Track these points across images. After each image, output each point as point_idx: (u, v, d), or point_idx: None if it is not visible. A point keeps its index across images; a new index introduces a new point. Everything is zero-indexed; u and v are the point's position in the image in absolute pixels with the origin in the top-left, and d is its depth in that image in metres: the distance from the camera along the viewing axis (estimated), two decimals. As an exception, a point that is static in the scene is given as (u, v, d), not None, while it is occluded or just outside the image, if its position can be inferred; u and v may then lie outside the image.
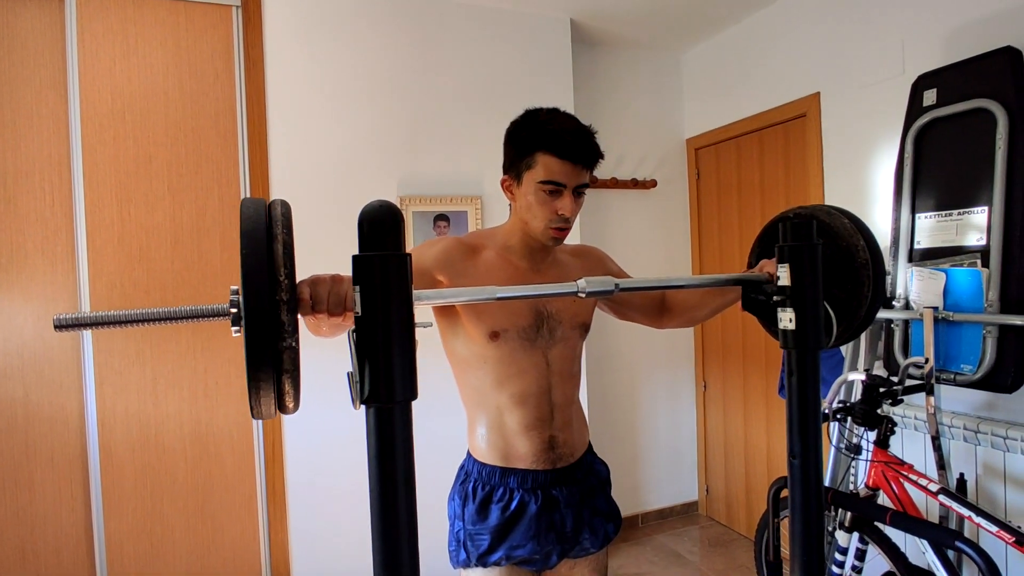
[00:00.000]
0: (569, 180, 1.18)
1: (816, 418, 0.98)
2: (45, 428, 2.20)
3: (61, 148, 2.21)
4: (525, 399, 1.26)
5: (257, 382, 0.70)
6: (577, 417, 1.37)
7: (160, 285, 2.31)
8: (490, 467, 1.28)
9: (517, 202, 1.25)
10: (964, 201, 1.91)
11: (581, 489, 1.33)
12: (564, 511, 1.29)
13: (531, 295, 0.94)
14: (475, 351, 1.26)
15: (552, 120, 1.20)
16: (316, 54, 2.49)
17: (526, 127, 1.22)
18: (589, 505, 1.34)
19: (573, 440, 1.33)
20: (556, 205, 1.20)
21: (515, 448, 1.27)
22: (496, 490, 1.27)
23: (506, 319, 1.24)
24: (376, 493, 0.74)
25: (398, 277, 0.73)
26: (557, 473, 1.29)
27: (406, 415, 0.75)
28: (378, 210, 0.74)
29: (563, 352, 1.31)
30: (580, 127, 1.21)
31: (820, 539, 1.00)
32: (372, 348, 0.72)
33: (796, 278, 0.95)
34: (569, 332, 1.31)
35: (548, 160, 1.17)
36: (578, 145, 1.17)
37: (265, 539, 2.45)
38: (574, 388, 1.35)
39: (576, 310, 1.32)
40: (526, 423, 1.27)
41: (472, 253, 1.27)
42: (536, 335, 1.27)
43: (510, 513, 1.25)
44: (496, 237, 1.31)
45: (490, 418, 1.28)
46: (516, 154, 1.22)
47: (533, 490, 1.27)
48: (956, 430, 1.97)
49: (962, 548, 1.41)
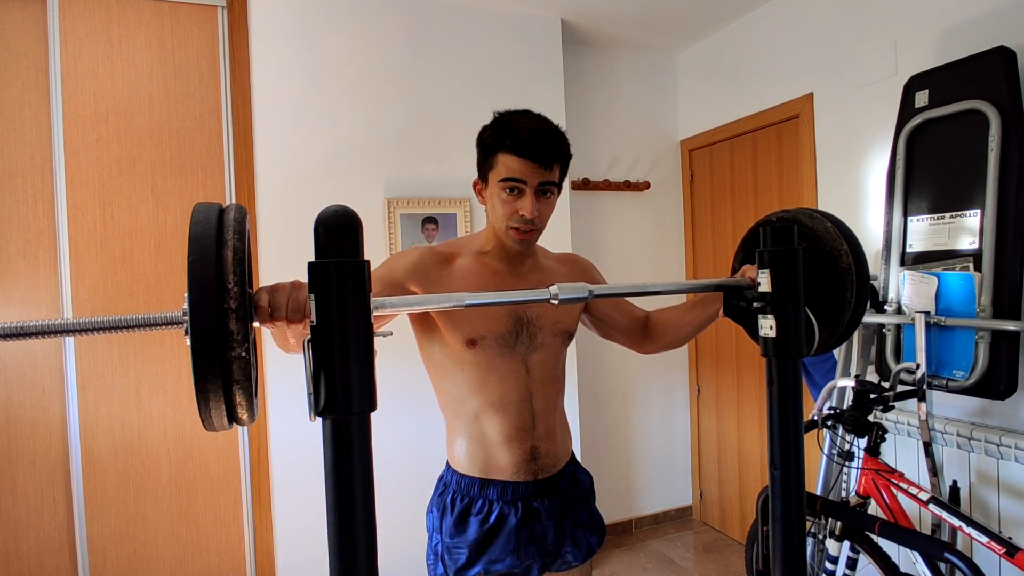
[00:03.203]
0: (529, 178, 1.15)
1: (798, 428, 0.95)
2: (27, 432, 2.17)
3: (43, 150, 2.18)
4: (505, 406, 1.23)
5: (205, 393, 0.68)
6: (561, 425, 1.33)
7: (144, 288, 2.28)
8: (469, 478, 1.25)
9: (486, 206, 1.24)
10: (956, 204, 1.89)
11: (563, 500, 1.29)
12: (546, 523, 1.26)
13: (501, 302, 0.92)
14: (452, 357, 1.24)
15: (513, 120, 1.18)
16: (303, 55, 2.47)
17: (491, 129, 1.20)
18: (572, 517, 1.31)
19: (556, 450, 1.29)
20: (517, 205, 1.17)
21: (495, 459, 1.24)
22: (475, 502, 1.24)
23: (483, 326, 1.21)
24: (332, 509, 0.72)
25: (355, 285, 0.71)
26: (539, 484, 1.25)
27: (364, 427, 0.72)
28: (334, 215, 0.72)
29: (544, 358, 1.28)
30: (542, 126, 1.18)
31: (801, 551, 0.97)
32: (328, 358, 0.70)
33: (776, 284, 0.93)
34: (550, 339, 1.28)
35: (507, 159, 1.16)
36: (537, 143, 1.14)
37: (250, 543, 2.42)
38: (556, 395, 1.32)
39: (558, 317, 1.29)
40: (507, 432, 1.23)
41: (446, 261, 1.24)
42: (515, 342, 1.24)
43: (489, 526, 1.22)
44: (472, 244, 1.29)
45: (469, 427, 1.25)
46: (482, 157, 1.21)
47: (513, 502, 1.23)
48: (949, 437, 1.94)
49: (951, 560, 1.38)
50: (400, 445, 2.56)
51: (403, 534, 2.42)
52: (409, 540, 2.39)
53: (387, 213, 2.56)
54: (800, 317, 0.93)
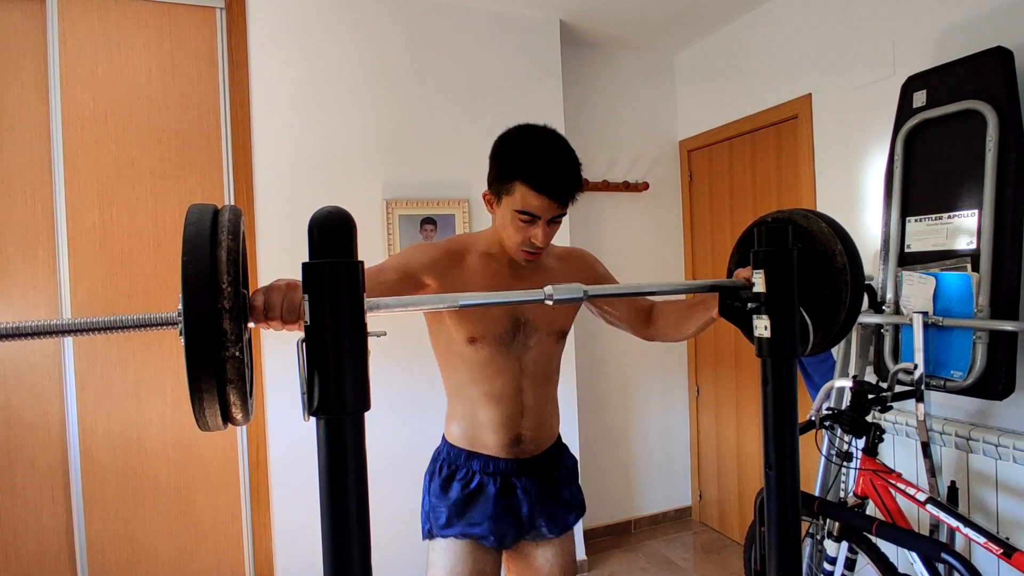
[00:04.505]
0: (544, 213, 1.20)
1: (793, 428, 0.95)
2: (26, 433, 2.17)
3: (42, 151, 2.19)
4: (499, 399, 1.33)
5: (199, 393, 0.68)
6: (550, 415, 1.42)
7: (143, 289, 2.28)
8: (458, 449, 1.37)
9: (495, 218, 1.29)
10: (954, 204, 1.89)
11: (543, 479, 1.39)
12: (521, 498, 1.35)
13: (496, 302, 0.92)
14: (455, 351, 1.34)
15: (536, 149, 1.19)
16: (301, 56, 2.47)
17: (510, 152, 1.21)
18: (552, 495, 1.39)
19: (540, 436, 1.39)
20: (529, 232, 1.22)
21: (483, 439, 1.35)
22: (460, 470, 1.36)
23: (484, 326, 1.29)
24: (327, 508, 0.72)
25: (349, 285, 0.71)
26: (520, 463, 1.36)
27: (358, 427, 0.73)
28: (328, 216, 0.72)
29: (537, 357, 1.36)
30: (563, 161, 1.20)
31: (797, 551, 0.97)
32: (322, 358, 0.70)
33: (771, 284, 0.93)
34: (545, 338, 1.35)
35: (525, 191, 1.18)
36: (558, 181, 1.18)
37: (249, 544, 2.42)
38: (548, 390, 1.40)
39: (553, 317, 1.35)
40: (497, 420, 1.34)
41: (459, 259, 1.31)
42: (512, 341, 1.32)
43: (469, 491, 1.34)
44: (479, 243, 1.34)
45: (465, 411, 1.37)
46: (498, 175, 1.24)
47: (494, 475, 1.35)
48: (947, 437, 1.94)
49: (948, 560, 1.38)
50: (396, 444, 2.56)
51: (398, 533, 2.42)
52: (403, 539, 2.39)
53: (385, 214, 2.56)
54: (794, 317, 0.93)
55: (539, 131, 1.24)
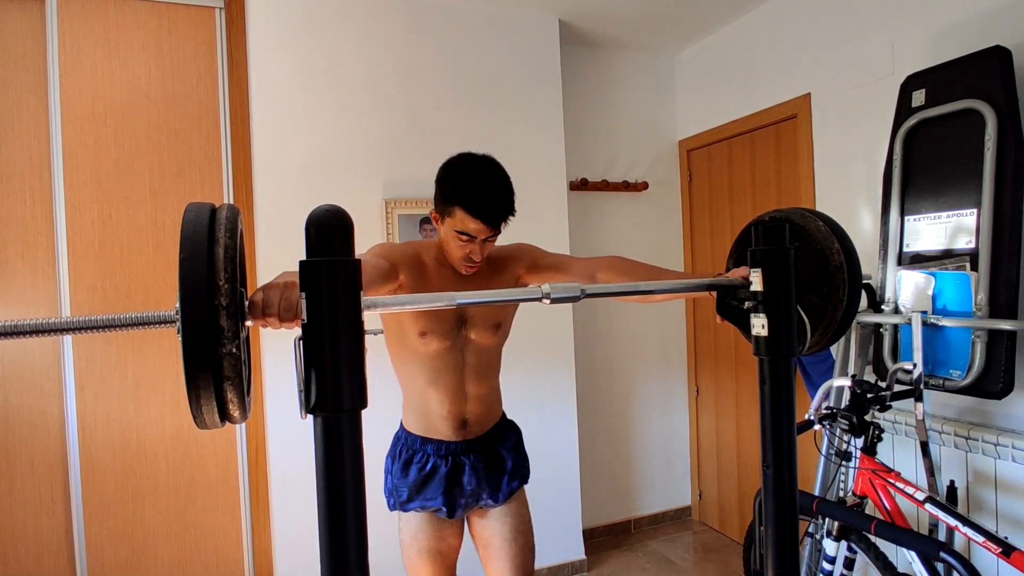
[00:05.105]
0: (480, 234, 1.40)
1: (790, 426, 0.95)
2: (25, 433, 2.18)
3: (42, 151, 2.19)
4: (444, 388, 1.52)
5: (196, 389, 0.68)
6: (492, 400, 1.62)
7: (142, 289, 2.28)
8: (414, 435, 1.58)
9: (440, 233, 1.48)
10: (953, 203, 1.89)
11: (488, 455, 1.59)
12: (469, 474, 1.55)
13: (493, 300, 0.93)
14: (407, 345, 1.51)
15: (474, 179, 1.39)
16: (300, 55, 2.47)
17: (453, 180, 1.40)
18: (498, 467, 1.59)
19: (485, 418, 1.59)
20: (468, 249, 1.43)
21: (434, 425, 1.55)
22: (417, 454, 1.56)
23: (434, 320, 1.47)
24: (324, 505, 0.72)
25: (346, 283, 0.71)
26: (467, 443, 1.57)
27: (355, 424, 0.73)
28: (325, 215, 0.72)
29: (477, 349, 1.54)
30: (498, 191, 1.39)
31: (794, 549, 0.97)
32: (319, 356, 0.70)
33: (768, 283, 0.93)
34: (483, 332, 1.53)
35: (464, 216, 1.38)
36: (491, 209, 1.37)
37: (248, 544, 2.43)
38: (488, 379, 1.58)
39: (490, 312, 1.53)
40: (445, 407, 1.53)
41: (420, 261, 1.50)
42: (456, 335, 1.50)
43: (425, 472, 1.55)
44: (431, 250, 1.53)
45: (417, 400, 1.56)
46: (442, 199, 1.43)
47: (445, 456, 1.55)
48: (946, 436, 1.94)
49: (947, 559, 1.38)
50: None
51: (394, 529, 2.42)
52: (406, 540, 2.38)
53: (385, 213, 2.57)
54: (792, 316, 0.93)
55: (478, 161, 1.43)
